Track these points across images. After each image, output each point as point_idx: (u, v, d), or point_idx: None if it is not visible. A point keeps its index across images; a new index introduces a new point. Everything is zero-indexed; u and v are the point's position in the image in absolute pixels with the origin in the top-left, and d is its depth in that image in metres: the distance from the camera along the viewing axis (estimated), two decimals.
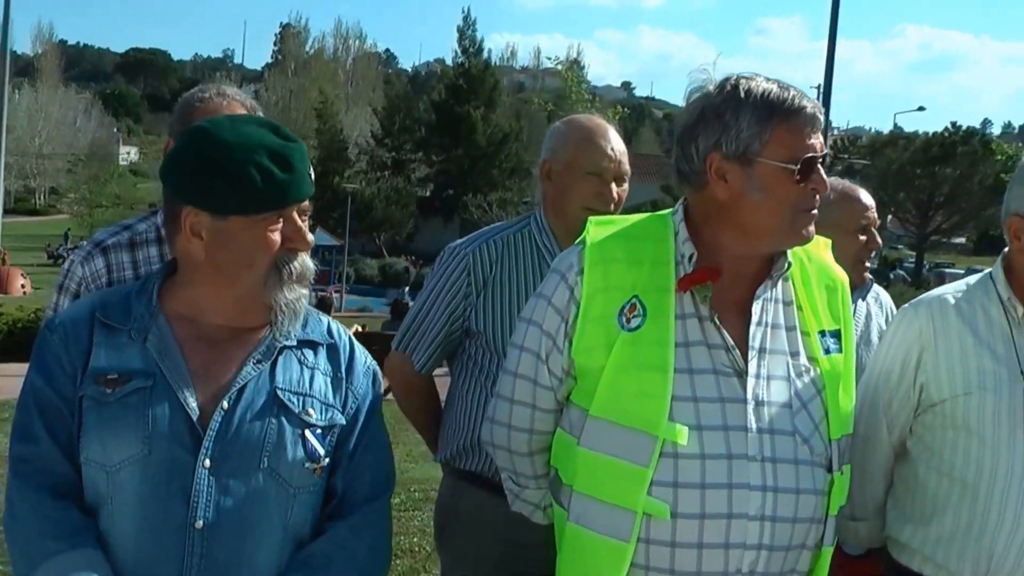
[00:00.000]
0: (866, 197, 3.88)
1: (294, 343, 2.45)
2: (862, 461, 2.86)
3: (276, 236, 2.35)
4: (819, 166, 2.44)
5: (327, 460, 2.42)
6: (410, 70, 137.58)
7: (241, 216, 2.33)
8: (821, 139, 2.47)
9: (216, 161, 2.32)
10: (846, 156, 53.38)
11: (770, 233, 2.47)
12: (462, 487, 3.54)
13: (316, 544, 2.41)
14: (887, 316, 3.90)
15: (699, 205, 2.51)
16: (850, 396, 2.58)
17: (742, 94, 2.42)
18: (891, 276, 51.16)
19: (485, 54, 67.32)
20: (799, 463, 2.45)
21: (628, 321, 2.41)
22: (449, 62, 75.15)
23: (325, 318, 2.59)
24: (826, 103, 23.97)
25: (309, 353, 2.47)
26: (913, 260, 61.79)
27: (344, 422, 2.46)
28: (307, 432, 2.38)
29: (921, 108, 75.96)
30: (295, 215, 2.38)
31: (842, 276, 2.68)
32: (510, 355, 2.61)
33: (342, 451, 2.46)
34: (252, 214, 2.33)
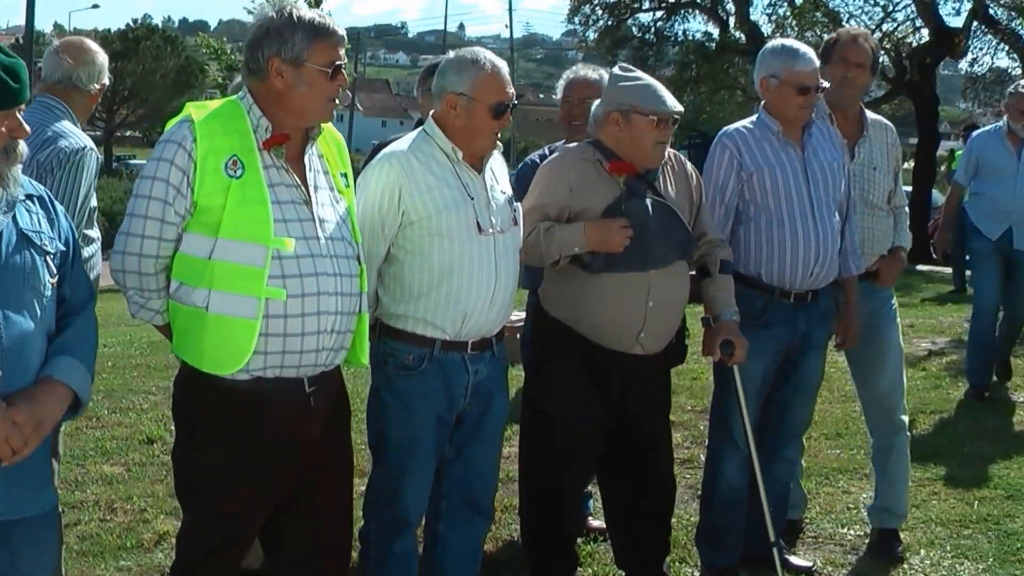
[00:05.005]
0: None
1: (22, 197, 3.25)
2: (368, 268, 4.07)
3: (4, 129, 3.12)
4: (342, 70, 3.69)
5: (57, 276, 3.28)
6: None
7: None
8: (344, 51, 3.72)
9: None
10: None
11: (311, 113, 3.70)
12: None
13: (66, 334, 3.29)
14: None
15: (262, 93, 3.66)
16: (356, 214, 3.93)
17: (296, 19, 3.60)
18: None
19: None
20: (348, 257, 3.75)
21: (234, 172, 3.53)
22: None
23: (24, 178, 3.36)
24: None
25: (30, 203, 3.28)
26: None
27: (64, 248, 3.33)
28: (47, 258, 3.23)
29: (95, 6, 75.31)
30: (17, 113, 3.14)
31: (340, 137, 3.98)
32: (137, 204, 3.57)
33: (64, 269, 3.32)
34: None
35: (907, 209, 5.99)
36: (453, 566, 4.58)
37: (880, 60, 5.94)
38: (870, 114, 5.84)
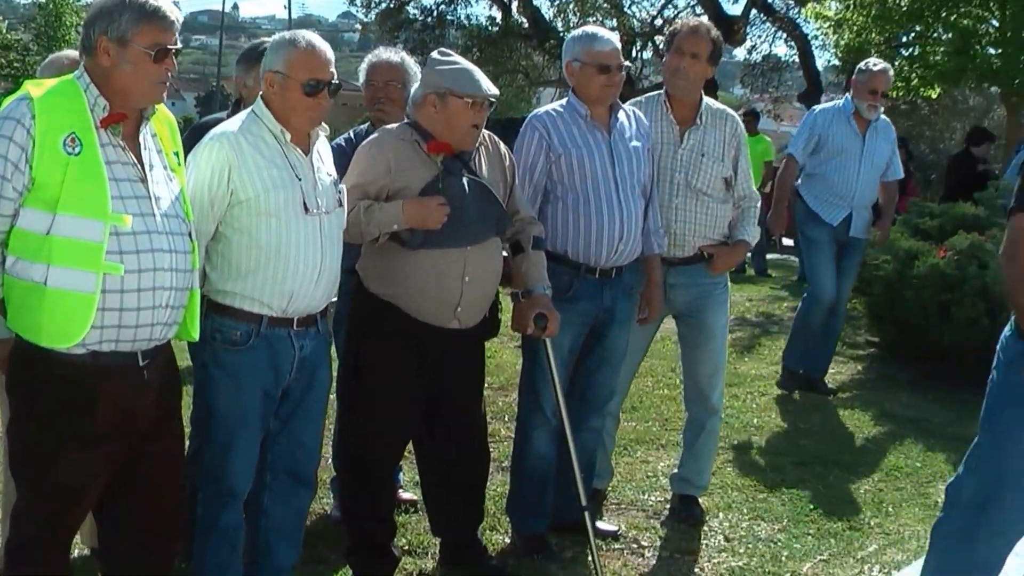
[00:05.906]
0: None
1: None
2: (198, 246, 4.10)
3: None
4: (172, 54, 3.76)
5: None
6: None
7: None
8: (177, 36, 3.78)
9: None
10: None
11: (136, 93, 3.75)
12: None
13: None
14: None
15: (94, 71, 3.70)
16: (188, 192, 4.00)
17: (128, 1, 3.67)
18: None
19: None
20: (182, 234, 3.83)
21: (72, 150, 3.56)
22: None
23: None
24: None
25: None
26: None
27: None
28: None
29: None
30: None
31: (172, 117, 4.01)
32: None
33: None
34: None
35: (757, 204, 6.21)
36: (276, 536, 4.67)
37: (722, 48, 6.04)
38: (714, 104, 6.08)
